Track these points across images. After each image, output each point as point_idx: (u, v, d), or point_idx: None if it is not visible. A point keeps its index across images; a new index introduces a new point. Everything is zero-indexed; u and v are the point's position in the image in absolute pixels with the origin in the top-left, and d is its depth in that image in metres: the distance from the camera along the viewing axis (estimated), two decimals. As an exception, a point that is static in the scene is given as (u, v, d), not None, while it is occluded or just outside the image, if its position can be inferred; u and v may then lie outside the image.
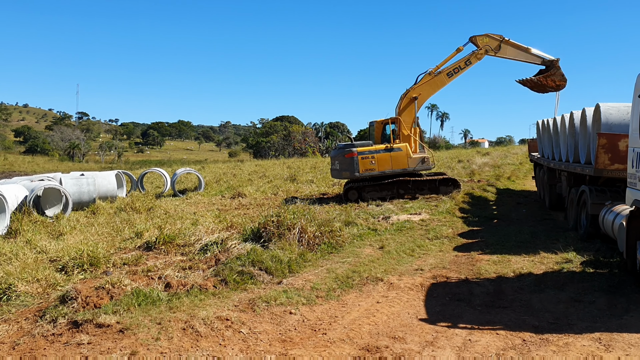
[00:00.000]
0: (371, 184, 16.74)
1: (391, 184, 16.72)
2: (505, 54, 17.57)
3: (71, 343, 5.64)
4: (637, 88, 7.56)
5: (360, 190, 16.76)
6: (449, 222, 13.05)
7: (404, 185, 16.81)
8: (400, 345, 5.73)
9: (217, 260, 8.83)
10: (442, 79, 17.53)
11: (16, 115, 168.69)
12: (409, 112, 17.36)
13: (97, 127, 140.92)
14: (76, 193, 15.84)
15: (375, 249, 10.30)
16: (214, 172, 32.63)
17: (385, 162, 16.64)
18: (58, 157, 79.77)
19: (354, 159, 16.55)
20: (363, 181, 16.94)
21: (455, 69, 17.52)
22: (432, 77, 17.44)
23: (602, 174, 9.76)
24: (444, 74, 17.49)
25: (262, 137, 79.75)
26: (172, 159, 79.15)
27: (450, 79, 17.58)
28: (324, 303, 7.17)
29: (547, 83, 17.86)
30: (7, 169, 49.51)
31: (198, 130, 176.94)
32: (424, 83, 17.45)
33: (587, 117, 11.08)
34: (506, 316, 6.59)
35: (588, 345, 5.61)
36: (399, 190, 16.74)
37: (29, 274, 7.67)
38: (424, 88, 17.44)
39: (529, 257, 9.32)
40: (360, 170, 16.57)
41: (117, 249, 10.30)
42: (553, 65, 17.68)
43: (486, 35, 17.42)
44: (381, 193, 16.62)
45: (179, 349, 5.54)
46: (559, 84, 17.87)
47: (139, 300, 6.71)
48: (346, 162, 16.75)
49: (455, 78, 17.61)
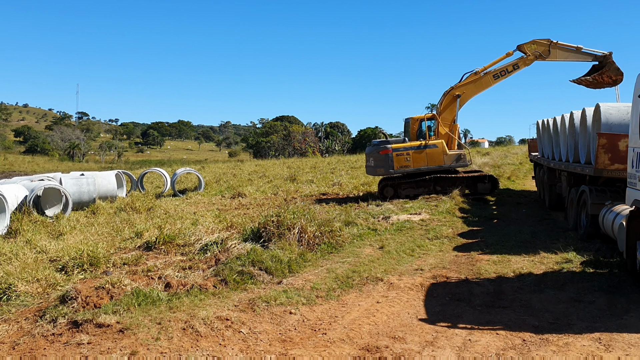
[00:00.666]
0: (407, 180, 16.66)
1: (427, 180, 16.62)
2: (555, 57, 17.32)
3: (71, 343, 5.64)
4: (637, 88, 7.56)
5: (396, 187, 16.73)
6: (449, 222, 13.05)
7: (440, 181, 16.70)
8: (400, 345, 5.73)
9: (217, 260, 8.83)
10: (487, 80, 17.38)
11: (16, 115, 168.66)
12: (450, 110, 17.28)
13: (97, 127, 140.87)
14: (76, 193, 15.85)
15: (375, 248, 10.30)
16: (214, 172, 32.63)
17: (420, 159, 16.62)
18: (58, 157, 79.78)
19: (389, 156, 16.55)
20: (399, 178, 16.88)
21: (502, 71, 17.37)
22: (478, 77, 17.30)
23: (602, 174, 9.76)
24: (490, 76, 17.35)
25: (262, 137, 79.76)
26: (172, 158, 79.14)
27: (496, 81, 17.43)
28: (324, 303, 7.17)
29: (604, 80, 17.45)
30: (7, 168, 49.52)
31: (198, 130, 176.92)
32: (469, 82, 17.32)
33: (587, 117, 11.08)
34: (506, 316, 6.59)
35: (588, 345, 5.61)
36: (436, 187, 16.62)
37: (29, 273, 7.67)
38: (468, 87, 17.33)
39: (529, 257, 9.32)
40: (395, 166, 16.57)
41: (117, 249, 10.30)
42: (606, 61, 17.27)
43: (533, 42, 17.17)
44: (417, 190, 16.55)
45: (179, 349, 5.54)
46: (615, 79, 17.40)
47: (139, 300, 6.71)
48: (381, 159, 16.75)
49: (500, 81, 17.43)
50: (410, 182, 16.70)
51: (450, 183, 16.76)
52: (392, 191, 16.70)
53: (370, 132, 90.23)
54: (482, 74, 17.30)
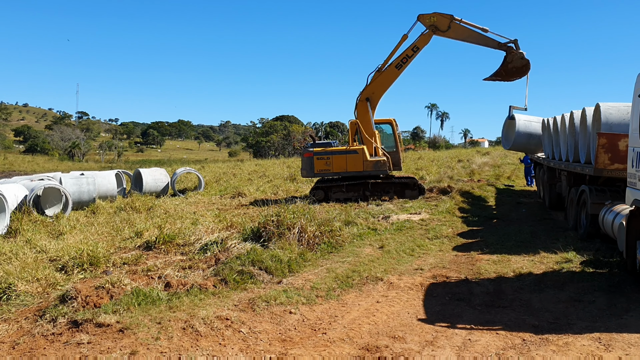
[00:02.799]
0: (338, 184, 16.81)
1: (357, 185, 16.75)
2: (456, 34, 16.72)
3: (71, 342, 5.63)
4: (637, 88, 7.56)
5: (326, 190, 16.90)
6: (448, 221, 13.05)
7: (370, 187, 16.83)
8: (400, 345, 5.73)
9: (217, 259, 8.83)
10: (391, 73, 16.97)
11: (16, 114, 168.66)
12: (364, 115, 17.10)
13: (97, 126, 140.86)
14: (76, 192, 15.85)
15: (375, 248, 10.30)
16: (214, 172, 32.62)
17: (340, 164, 16.71)
18: (58, 156, 79.68)
19: (311, 159, 16.80)
20: (329, 181, 17.11)
21: (403, 59, 16.86)
22: (381, 73, 17.01)
23: (602, 174, 9.76)
24: (393, 67, 16.90)
25: (262, 136, 79.77)
26: (172, 158, 79.05)
27: (400, 71, 16.95)
28: (324, 303, 7.17)
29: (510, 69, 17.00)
30: (7, 168, 49.45)
31: (198, 130, 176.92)
32: (374, 82, 17.05)
33: (587, 117, 11.08)
34: (506, 316, 6.59)
35: (588, 344, 5.61)
36: (365, 192, 16.74)
37: (28, 273, 7.67)
38: (375, 87, 17.08)
39: (529, 257, 9.32)
40: (315, 170, 16.79)
41: (117, 249, 10.30)
42: (509, 50, 16.82)
43: (434, 14, 16.61)
44: (347, 194, 16.74)
45: (179, 349, 5.54)
46: (521, 67, 16.91)
47: (138, 300, 6.71)
48: (305, 162, 17.09)
49: (406, 68, 16.97)
50: (341, 186, 16.79)
51: (379, 189, 16.88)
52: (323, 194, 16.83)
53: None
54: (385, 69, 16.99)
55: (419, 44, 16.86)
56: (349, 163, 16.69)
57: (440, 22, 16.62)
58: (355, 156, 16.69)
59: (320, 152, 16.79)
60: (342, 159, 16.70)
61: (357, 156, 16.68)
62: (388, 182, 17.06)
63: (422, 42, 16.86)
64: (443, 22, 16.60)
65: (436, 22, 16.61)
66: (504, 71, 17.18)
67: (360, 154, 16.69)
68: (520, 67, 16.98)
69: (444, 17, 16.59)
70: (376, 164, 16.71)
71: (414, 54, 16.90)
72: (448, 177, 21.54)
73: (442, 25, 16.61)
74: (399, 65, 16.91)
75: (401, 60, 16.88)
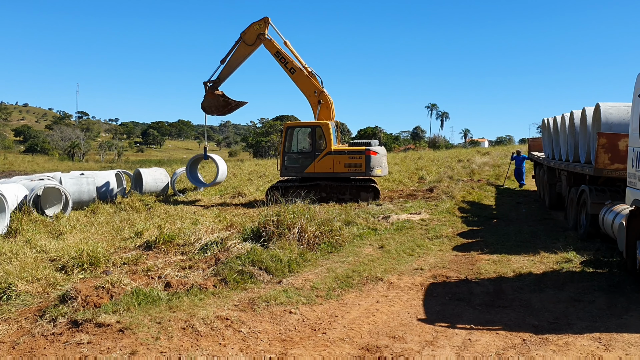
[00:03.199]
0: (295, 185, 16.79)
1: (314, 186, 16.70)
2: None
3: (71, 342, 5.63)
4: (637, 88, 7.56)
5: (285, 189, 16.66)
6: (448, 221, 13.05)
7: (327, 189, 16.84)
8: (400, 345, 5.73)
9: (217, 259, 8.83)
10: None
11: (16, 114, 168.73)
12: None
13: (97, 126, 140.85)
14: (76, 192, 15.85)
15: (375, 248, 10.30)
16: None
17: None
18: (58, 156, 79.63)
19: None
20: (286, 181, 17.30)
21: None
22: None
23: (602, 174, 9.76)
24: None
25: (262, 136, 79.73)
26: (172, 158, 79.01)
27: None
28: (324, 302, 7.17)
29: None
30: (7, 168, 49.40)
31: (198, 130, 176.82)
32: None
33: (587, 117, 11.08)
34: (506, 316, 6.59)
35: (588, 344, 5.61)
36: (322, 193, 16.69)
37: (28, 273, 7.66)
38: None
39: (529, 257, 9.32)
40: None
41: (117, 249, 10.30)
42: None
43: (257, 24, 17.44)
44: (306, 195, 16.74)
45: (179, 349, 5.54)
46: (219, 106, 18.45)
47: (138, 300, 6.71)
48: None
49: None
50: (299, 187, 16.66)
51: (336, 190, 16.88)
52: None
53: (370, 132, 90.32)
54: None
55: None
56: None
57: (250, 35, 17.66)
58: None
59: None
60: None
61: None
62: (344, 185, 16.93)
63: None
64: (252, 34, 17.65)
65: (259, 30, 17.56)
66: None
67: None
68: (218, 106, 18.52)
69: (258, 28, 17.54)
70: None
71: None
72: (448, 177, 21.54)
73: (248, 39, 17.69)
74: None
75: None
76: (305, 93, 17.43)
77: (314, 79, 17.29)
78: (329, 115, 17.29)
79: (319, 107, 17.25)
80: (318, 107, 17.26)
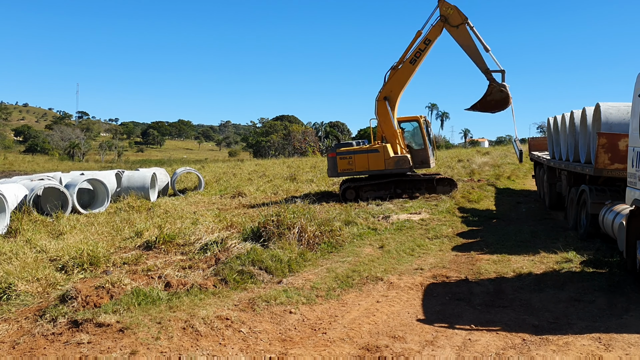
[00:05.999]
0: (368, 183, 16.93)
1: (388, 183, 16.89)
2: (459, 37, 16.48)
3: (71, 342, 5.64)
4: (637, 88, 7.55)
5: (357, 189, 16.97)
6: (448, 221, 13.05)
7: (400, 184, 16.99)
8: (400, 345, 5.73)
9: (217, 259, 8.83)
10: (407, 69, 16.96)
11: (16, 114, 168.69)
12: (385, 114, 17.18)
13: (97, 126, 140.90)
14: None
15: (375, 248, 10.30)
16: (214, 172, 32.61)
17: (362, 162, 16.85)
18: (58, 156, 79.61)
19: (334, 159, 17.00)
20: (359, 180, 17.22)
21: (416, 53, 16.79)
22: (397, 70, 17.02)
23: (602, 174, 9.76)
24: (407, 63, 16.89)
25: (262, 136, 79.76)
26: (172, 158, 79.02)
27: (415, 66, 16.89)
28: (324, 302, 7.17)
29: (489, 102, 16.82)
30: (7, 168, 49.41)
31: (198, 130, 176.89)
32: (391, 80, 17.08)
33: (587, 117, 11.08)
34: (506, 315, 6.59)
35: (588, 344, 5.61)
36: (396, 190, 16.91)
37: (28, 273, 7.67)
38: (392, 85, 17.11)
39: (529, 257, 9.31)
40: (338, 169, 16.94)
41: (117, 249, 10.31)
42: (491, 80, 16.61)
43: (454, 7, 16.39)
44: (378, 192, 16.82)
45: (179, 349, 5.54)
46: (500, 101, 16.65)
47: (139, 300, 6.71)
48: (329, 162, 17.31)
49: (420, 62, 16.92)
50: (372, 185, 16.91)
51: (410, 185, 17.06)
52: (354, 193, 16.98)
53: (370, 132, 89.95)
54: (400, 66, 16.98)
55: (431, 37, 16.82)
56: (370, 162, 16.84)
57: (454, 17, 16.47)
58: (376, 155, 16.84)
59: (342, 152, 16.98)
60: (364, 158, 16.87)
61: (378, 155, 16.82)
62: (419, 179, 17.25)
63: (433, 34, 16.80)
64: (456, 18, 16.47)
65: (450, 14, 16.46)
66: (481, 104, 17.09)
67: (381, 153, 16.81)
68: (499, 100, 16.79)
69: (459, 15, 16.47)
70: (397, 162, 16.82)
71: (426, 47, 16.87)
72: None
73: (453, 20, 16.47)
74: (413, 60, 16.91)
75: (415, 55, 16.89)
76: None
77: None
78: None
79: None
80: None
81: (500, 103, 16.82)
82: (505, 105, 16.86)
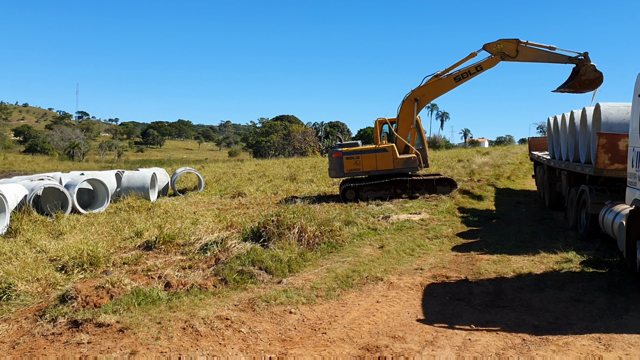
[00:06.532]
0: (368, 183, 16.81)
1: (388, 183, 16.78)
2: (525, 57, 16.58)
3: (71, 342, 5.64)
4: (637, 88, 7.56)
5: (357, 189, 16.86)
6: (448, 221, 13.04)
7: (401, 184, 16.89)
8: (400, 345, 5.73)
9: (217, 259, 8.83)
10: (448, 82, 16.88)
11: (16, 114, 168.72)
12: (409, 114, 17.06)
13: (97, 126, 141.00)
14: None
15: (375, 248, 10.30)
16: (214, 172, 32.60)
17: (370, 162, 16.73)
18: (58, 156, 79.57)
19: (340, 159, 16.80)
20: (359, 180, 17.07)
21: (464, 73, 16.77)
22: (439, 79, 16.88)
23: (602, 174, 9.76)
24: (452, 78, 16.81)
25: (262, 136, 79.71)
26: (172, 158, 79.00)
27: (457, 84, 16.87)
28: (324, 302, 7.17)
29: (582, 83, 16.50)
30: (7, 168, 49.36)
31: (198, 130, 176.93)
32: (429, 85, 16.97)
33: (587, 117, 11.08)
34: (506, 316, 6.59)
35: (588, 344, 5.61)
36: (397, 190, 16.82)
37: (28, 273, 7.67)
38: (428, 90, 17.00)
39: (529, 257, 9.31)
40: (345, 169, 16.80)
41: (117, 249, 10.30)
42: (582, 63, 16.36)
43: (500, 42, 16.43)
44: (378, 192, 16.71)
45: (179, 349, 5.54)
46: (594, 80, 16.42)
47: (138, 300, 6.71)
48: (333, 162, 17.09)
49: (462, 83, 16.88)
50: (372, 185, 16.76)
51: (410, 186, 16.94)
52: (354, 193, 16.84)
53: (370, 132, 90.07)
54: (443, 77, 16.83)
55: (484, 65, 16.70)
56: (378, 161, 16.74)
57: (508, 48, 16.45)
58: (385, 154, 16.75)
59: (349, 152, 16.83)
60: (372, 157, 16.75)
61: (387, 154, 16.74)
62: (420, 179, 17.17)
63: (488, 64, 16.70)
64: (510, 47, 16.44)
65: (504, 49, 16.47)
66: (577, 83, 16.71)
67: (390, 152, 16.74)
68: (593, 80, 16.59)
69: (510, 43, 16.43)
70: (406, 162, 16.76)
71: (476, 72, 16.80)
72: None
73: (510, 51, 16.47)
74: (457, 78, 16.79)
75: (461, 75, 16.78)
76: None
77: None
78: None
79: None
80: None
81: (595, 82, 16.65)
82: (598, 83, 16.68)
